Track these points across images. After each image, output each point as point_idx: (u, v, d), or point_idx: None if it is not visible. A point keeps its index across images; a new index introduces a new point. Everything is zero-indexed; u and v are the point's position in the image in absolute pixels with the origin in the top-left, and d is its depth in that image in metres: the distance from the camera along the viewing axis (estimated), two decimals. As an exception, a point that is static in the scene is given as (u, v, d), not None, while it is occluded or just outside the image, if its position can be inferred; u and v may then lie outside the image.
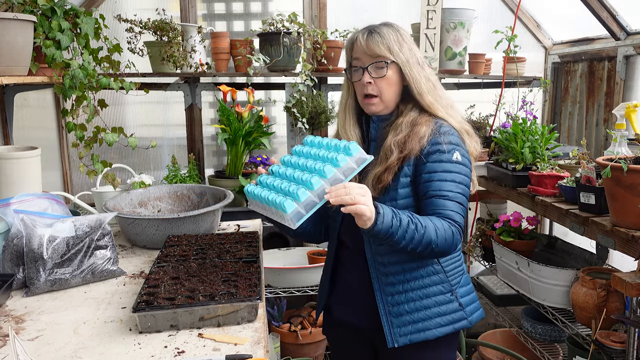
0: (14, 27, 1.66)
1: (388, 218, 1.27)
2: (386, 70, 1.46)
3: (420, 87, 1.48)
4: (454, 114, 1.52)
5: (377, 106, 1.50)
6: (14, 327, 1.25)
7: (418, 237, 1.31)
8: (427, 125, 1.45)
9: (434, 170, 1.41)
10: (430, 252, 1.36)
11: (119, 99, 2.99)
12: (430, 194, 1.40)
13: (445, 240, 1.35)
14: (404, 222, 1.30)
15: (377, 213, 1.26)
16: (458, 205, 1.41)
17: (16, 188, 1.80)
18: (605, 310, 1.91)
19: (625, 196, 1.61)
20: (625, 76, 2.64)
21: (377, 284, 1.49)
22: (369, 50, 1.46)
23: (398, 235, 1.29)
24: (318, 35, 2.76)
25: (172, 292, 1.27)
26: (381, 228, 1.26)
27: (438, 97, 1.50)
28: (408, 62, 1.47)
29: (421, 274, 1.49)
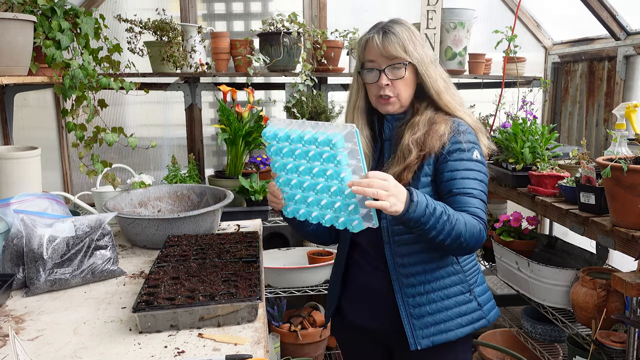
0: (14, 27, 1.66)
1: (422, 206, 1.23)
2: (404, 71, 1.42)
3: (437, 87, 1.45)
4: (468, 112, 1.51)
5: (393, 106, 1.47)
6: (14, 327, 1.25)
7: (449, 228, 1.28)
8: (446, 124, 1.43)
9: (455, 169, 1.40)
10: (457, 247, 1.32)
11: (119, 99, 3.00)
12: (454, 192, 1.38)
13: (473, 235, 1.33)
14: (437, 211, 1.26)
15: (411, 201, 1.22)
16: (482, 203, 1.40)
17: (16, 188, 1.80)
18: (605, 310, 1.91)
19: (625, 196, 1.61)
20: (625, 76, 2.64)
21: (398, 285, 1.45)
22: (385, 52, 1.41)
23: (430, 225, 1.25)
24: (318, 35, 2.76)
25: (172, 292, 1.27)
26: (413, 216, 1.22)
27: (453, 96, 1.48)
28: (423, 61, 1.44)
29: (442, 275, 1.46)
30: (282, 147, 1.27)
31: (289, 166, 1.27)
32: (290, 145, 1.26)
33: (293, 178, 1.28)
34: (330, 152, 1.18)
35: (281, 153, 1.28)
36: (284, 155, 1.28)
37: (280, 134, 1.26)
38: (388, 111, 1.48)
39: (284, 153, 1.27)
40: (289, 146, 1.26)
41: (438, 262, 1.46)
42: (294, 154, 1.25)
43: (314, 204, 1.27)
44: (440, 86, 1.46)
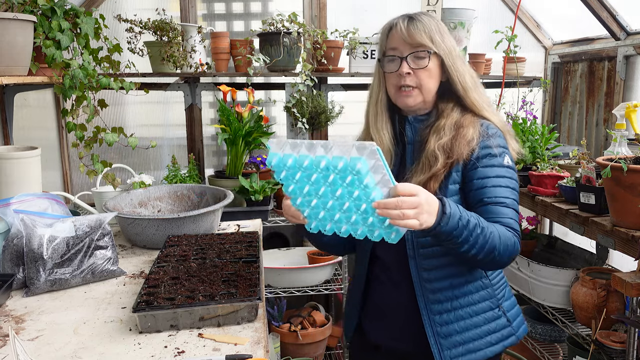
0: (14, 27, 1.66)
1: (454, 219, 1.13)
2: (428, 61, 1.32)
3: (465, 82, 1.34)
4: (495, 113, 1.40)
5: (414, 98, 1.34)
6: (14, 327, 1.25)
7: (482, 241, 1.18)
8: (474, 127, 1.32)
9: (486, 176, 1.29)
10: (490, 261, 1.22)
11: (119, 99, 3.00)
12: (486, 201, 1.28)
13: (507, 248, 1.23)
14: (471, 223, 1.16)
15: (443, 213, 1.11)
16: (515, 213, 1.29)
17: (16, 188, 1.80)
18: (605, 310, 1.91)
19: (625, 196, 1.61)
20: (625, 76, 2.64)
21: (423, 302, 1.34)
22: (409, 38, 1.31)
23: (462, 238, 1.15)
24: (318, 35, 2.76)
25: (172, 292, 1.27)
26: (445, 229, 1.12)
27: (481, 95, 1.38)
28: (451, 54, 1.34)
29: (470, 290, 1.36)
30: (293, 174, 1.14)
31: (305, 190, 1.15)
32: (303, 172, 1.12)
33: (313, 199, 1.16)
34: (354, 177, 1.06)
35: (294, 179, 1.15)
36: (298, 181, 1.15)
37: (288, 161, 1.11)
38: (407, 104, 1.35)
39: (297, 179, 1.14)
40: (302, 173, 1.13)
41: (467, 276, 1.36)
42: (309, 180, 1.12)
43: (342, 221, 1.16)
44: (467, 82, 1.35)
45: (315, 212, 1.18)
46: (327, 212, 1.16)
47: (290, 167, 1.12)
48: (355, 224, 1.14)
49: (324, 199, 1.14)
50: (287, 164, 1.11)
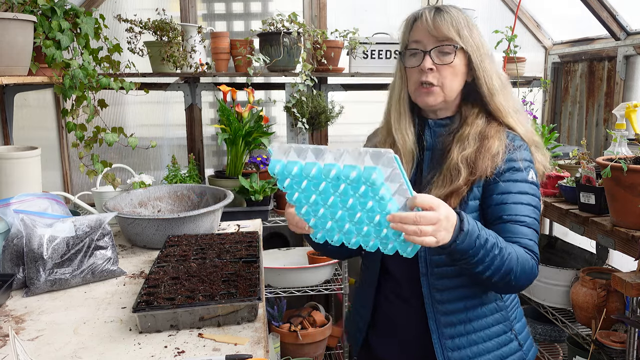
0: (14, 27, 1.66)
1: (472, 237, 1.04)
2: (453, 57, 1.21)
3: (491, 84, 1.23)
4: (523, 121, 1.28)
5: (435, 97, 1.24)
6: (14, 327, 1.25)
7: (499, 263, 1.09)
8: (499, 139, 1.22)
9: (508, 191, 1.19)
10: (505, 284, 1.14)
11: (119, 99, 3.00)
12: (505, 219, 1.18)
13: (524, 272, 1.14)
14: (489, 243, 1.07)
15: (460, 230, 1.02)
16: (535, 235, 1.19)
17: (16, 188, 1.80)
18: (605, 310, 1.91)
19: (625, 196, 1.61)
20: (625, 76, 2.64)
21: (435, 324, 1.25)
22: (435, 30, 1.21)
23: (477, 258, 1.07)
24: (318, 35, 2.76)
25: (172, 292, 1.27)
26: (460, 247, 1.03)
27: (508, 99, 1.26)
28: (479, 51, 1.23)
29: (484, 312, 1.27)
30: (299, 182, 1.04)
31: (311, 199, 1.05)
32: (310, 181, 1.03)
33: (320, 208, 1.06)
34: (367, 187, 0.97)
35: (299, 187, 1.04)
36: (304, 190, 1.05)
37: (293, 169, 1.01)
38: (427, 103, 1.25)
39: (303, 188, 1.04)
40: (308, 182, 1.03)
41: (482, 298, 1.27)
42: (317, 189, 1.03)
43: (352, 232, 1.07)
44: (495, 84, 1.24)
45: (322, 222, 1.09)
46: (336, 223, 1.07)
47: (295, 175, 1.02)
48: (367, 236, 1.05)
49: (332, 209, 1.05)
50: (292, 172, 1.01)
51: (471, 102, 1.28)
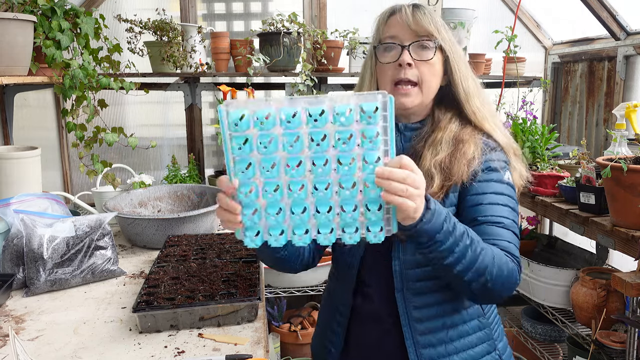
0: (14, 27, 1.66)
1: (439, 218, 0.93)
2: (433, 53, 1.13)
3: (467, 86, 1.16)
4: (500, 127, 1.21)
5: (413, 98, 1.14)
6: (14, 327, 1.25)
7: (471, 257, 0.98)
8: (475, 144, 1.14)
9: (482, 192, 1.11)
10: (481, 287, 1.01)
11: (119, 99, 3.00)
12: (480, 220, 1.09)
13: (502, 274, 1.02)
14: (458, 230, 0.96)
15: (427, 208, 0.90)
16: (514, 237, 1.09)
17: (16, 188, 1.80)
18: (605, 310, 1.91)
19: (625, 196, 1.61)
20: (625, 76, 2.64)
21: (413, 346, 1.13)
22: (415, 25, 1.12)
23: (446, 245, 0.95)
24: (318, 35, 2.76)
25: (172, 292, 1.27)
26: (426, 228, 0.91)
27: (484, 103, 1.19)
28: (457, 53, 1.16)
29: (466, 331, 1.16)
30: (262, 137, 0.84)
31: (271, 166, 0.85)
32: (285, 130, 0.83)
33: (274, 184, 0.86)
34: (360, 131, 0.83)
35: (258, 146, 0.84)
36: (269, 148, 0.84)
37: (265, 115, 0.83)
38: (404, 105, 1.14)
39: (267, 147, 0.84)
40: (276, 133, 0.84)
41: (462, 315, 1.16)
42: (289, 142, 0.84)
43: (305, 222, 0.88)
44: (470, 86, 1.17)
45: (272, 207, 0.87)
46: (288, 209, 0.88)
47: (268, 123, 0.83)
48: (326, 224, 0.87)
49: (294, 178, 0.86)
50: (257, 114, 0.83)
51: (444, 106, 1.20)
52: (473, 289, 1.02)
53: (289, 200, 0.87)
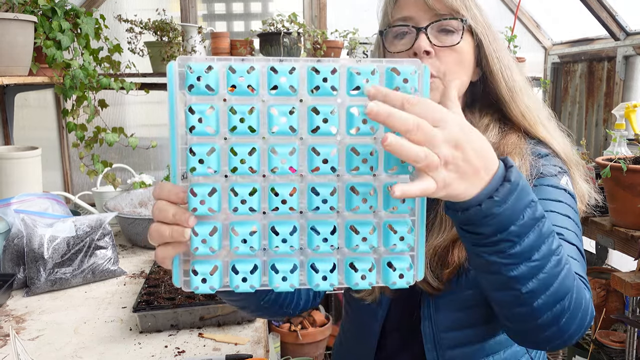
0: (15, 28, 1.67)
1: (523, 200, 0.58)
2: (460, 37, 0.82)
3: (512, 79, 0.85)
4: (559, 134, 0.92)
5: (434, 93, 0.81)
6: (15, 326, 1.25)
7: (553, 270, 0.61)
8: (520, 155, 0.82)
9: (538, 198, 0.71)
10: (551, 322, 0.63)
11: (119, 99, 3.00)
12: None
13: (579, 304, 0.65)
14: (546, 225, 0.60)
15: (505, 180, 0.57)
16: (580, 256, 0.76)
17: (16, 188, 1.81)
18: (604, 310, 1.91)
19: (624, 196, 1.62)
20: (624, 76, 2.64)
21: None
22: (435, 1, 0.81)
23: (523, 246, 0.59)
24: (318, 36, 2.76)
25: (172, 291, 1.27)
26: (497, 212, 0.56)
27: (536, 102, 0.89)
28: (493, 35, 0.86)
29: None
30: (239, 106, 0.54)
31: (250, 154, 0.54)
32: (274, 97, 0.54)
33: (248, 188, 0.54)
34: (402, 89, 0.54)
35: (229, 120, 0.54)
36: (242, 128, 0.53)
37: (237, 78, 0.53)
38: None
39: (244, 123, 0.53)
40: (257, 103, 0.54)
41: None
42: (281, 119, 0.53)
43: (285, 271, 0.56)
44: (517, 80, 0.86)
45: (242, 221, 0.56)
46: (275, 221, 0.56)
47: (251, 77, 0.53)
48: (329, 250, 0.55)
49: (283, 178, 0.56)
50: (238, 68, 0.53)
51: (479, 109, 0.89)
52: (540, 323, 0.63)
53: (269, 216, 0.56)
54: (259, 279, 0.56)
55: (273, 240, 0.55)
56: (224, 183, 0.56)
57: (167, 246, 0.57)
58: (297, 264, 0.57)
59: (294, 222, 0.56)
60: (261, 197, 0.55)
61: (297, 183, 0.56)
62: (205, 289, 0.56)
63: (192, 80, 0.53)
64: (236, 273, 0.55)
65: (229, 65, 0.53)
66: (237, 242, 0.55)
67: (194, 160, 0.54)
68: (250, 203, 0.54)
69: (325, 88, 0.53)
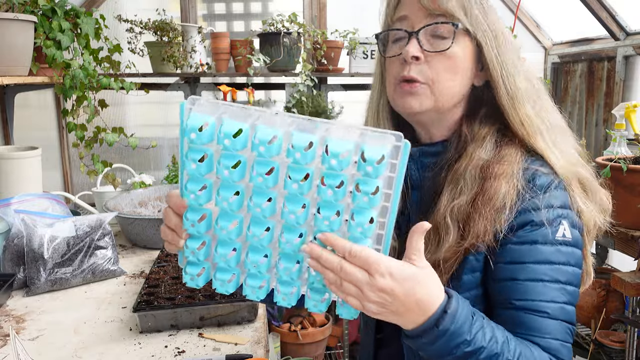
0: (15, 28, 1.67)
1: (458, 331, 0.67)
2: (451, 42, 0.80)
3: (513, 86, 0.82)
4: (562, 146, 0.86)
5: (421, 100, 0.81)
6: (15, 326, 1.26)
7: None
8: (508, 179, 0.78)
9: (520, 261, 0.77)
10: None
11: (119, 99, 3.00)
12: (515, 305, 0.77)
13: None
14: (492, 350, 0.69)
15: (435, 326, 0.66)
16: (565, 328, 0.77)
17: (17, 188, 1.81)
18: (604, 310, 1.91)
19: (624, 196, 1.62)
20: (624, 76, 2.64)
21: None
22: (430, 1, 0.80)
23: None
24: (318, 36, 2.76)
25: (172, 291, 1.28)
26: (434, 343, 0.67)
27: (540, 111, 0.84)
28: (496, 38, 0.82)
29: None
30: (226, 157, 0.64)
31: (231, 198, 0.66)
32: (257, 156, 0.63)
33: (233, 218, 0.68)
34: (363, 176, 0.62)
35: (218, 168, 0.64)
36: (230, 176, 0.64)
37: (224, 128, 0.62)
38: (410, 107, 0.82)
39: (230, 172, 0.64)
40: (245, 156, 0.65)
41: None
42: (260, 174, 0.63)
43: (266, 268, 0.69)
44: (520, 86, 0.82)
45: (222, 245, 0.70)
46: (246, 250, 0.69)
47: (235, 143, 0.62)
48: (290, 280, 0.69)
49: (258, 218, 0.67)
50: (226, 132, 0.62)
51: (480, 118, 0.86)
52: None
53: (247, 242, 0.69)
54: (235, 286, 0.73)
55: (247, 263, 0.69)
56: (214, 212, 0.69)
57: (170, 244, 0.74)
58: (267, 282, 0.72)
59: (267, 251, 0.69)
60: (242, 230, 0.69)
61: (274, 222, 0.68)
62: (192, 285, 0.74)
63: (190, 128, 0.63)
64: (216, 279, 0.72)
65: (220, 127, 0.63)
66: (218, 259, 0.70)
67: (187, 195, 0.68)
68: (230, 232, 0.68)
69: (300, 158, 0.62)
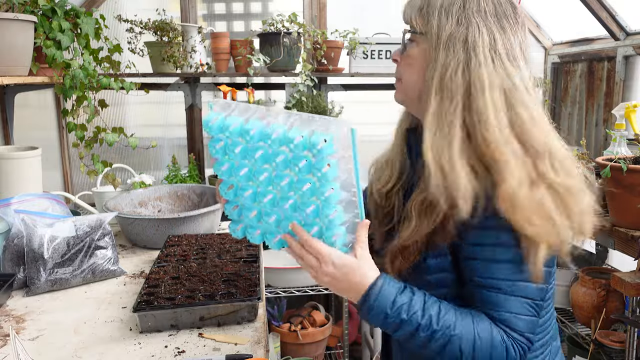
0: (15, 28, 1.67)
1: (381, 305, 0.86)
2: (411, 44, 0.96)
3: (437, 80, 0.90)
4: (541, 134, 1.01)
5: (398, 94, 1.02)
6: (15, 326, 1.26)
7: (435, 347, 0.86)
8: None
9: (478, 242, 0.87)
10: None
11: (119, 99, 3.00)
12: (476, 282, 0.88)
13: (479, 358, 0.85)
14: (413, 322, 0.85)
15: (364, 301, 0.87)
16: (522, 304, 0.86)
17: (16, 188, 1.81)
18: (604, 310, 1.91)
19: (624, 196, 1.62)
20: (624, 76, 2.64)
21: None
22: (403, 14, 1.00)
23: (398, 334, 0.88)
24: (318, 36, 2.76)
25: (172, 291, 1.28)
26: (368, 315, 0.88)
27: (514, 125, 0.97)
28: (438, 38, 0.90)
29: None
30: (233, 145, 0.91)
31: (241, 172, 0.93)
32: (246, 144, 0.90)
33: (247, 188, 0.94)
34: (311, 159, 0.83)
35: (232, 152, 0.92)
36: (237, 157, 0.92)
37: (232, 125, 0.89)
38: (396, 101, 1.04)
39: (236, 153, 0.92)
40: (244, 144, 0.90)
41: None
42: (251, 156, 0.90)
43: (276, 226, 0.95)
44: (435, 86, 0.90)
45: (247, 209, 0.97)
46: (261, 212, 0.96)
47: (232, 132, 0.90)
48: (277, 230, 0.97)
49: (261, 189, 0.93)
50: (230, 128, 0.89)
51: None
52: None
53: (259, 211, 0.96)
54: (260, 239, 1.00)
55: (256, 224, 0.99)
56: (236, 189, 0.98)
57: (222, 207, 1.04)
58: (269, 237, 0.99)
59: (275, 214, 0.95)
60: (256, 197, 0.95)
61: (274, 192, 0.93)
62: (235, 235, 1.03)
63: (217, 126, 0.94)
64: (248, 232, 1.01)
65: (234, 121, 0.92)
66: (247, 217, 0.99)
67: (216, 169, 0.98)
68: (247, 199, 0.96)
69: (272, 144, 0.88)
